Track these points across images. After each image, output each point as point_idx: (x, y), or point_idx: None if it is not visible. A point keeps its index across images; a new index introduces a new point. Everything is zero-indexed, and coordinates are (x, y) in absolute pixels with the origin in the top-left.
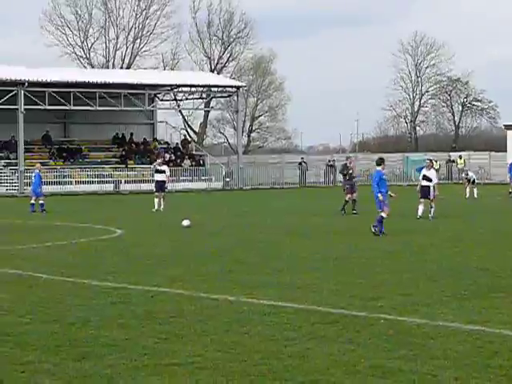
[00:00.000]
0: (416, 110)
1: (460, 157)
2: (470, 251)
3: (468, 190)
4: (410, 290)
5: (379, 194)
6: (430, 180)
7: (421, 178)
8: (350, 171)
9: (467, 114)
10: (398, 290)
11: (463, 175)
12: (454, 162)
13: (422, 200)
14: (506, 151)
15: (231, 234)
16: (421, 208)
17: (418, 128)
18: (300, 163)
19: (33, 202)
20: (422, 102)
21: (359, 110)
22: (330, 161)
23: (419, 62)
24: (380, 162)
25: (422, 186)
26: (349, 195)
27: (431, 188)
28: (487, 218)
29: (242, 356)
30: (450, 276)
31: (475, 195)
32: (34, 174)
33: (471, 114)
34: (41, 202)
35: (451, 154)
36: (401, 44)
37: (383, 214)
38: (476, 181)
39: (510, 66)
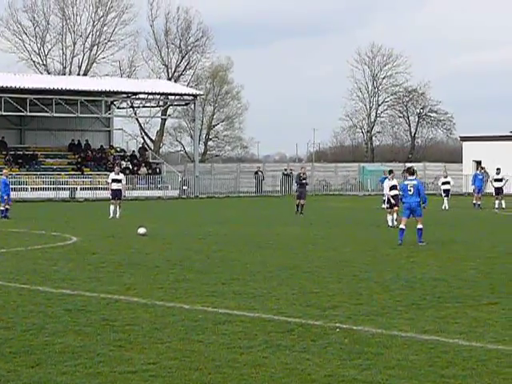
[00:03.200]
0: (372, 120)
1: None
2: (425, 261)
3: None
4: (365, 299)
5: (424, 205)
6: (396, 188)
7: (387, 188)
8: (303, 180)
9: (423, 124)
10: (353, 300)
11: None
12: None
13: (389, 210)
14: (461, 162)
15: (187, 243)
16: (389, 218)
17: (374, 138)
18: (256, 172)
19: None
20: (379, 112)
21: (316, 119)
22: (286, 170)
23: (376, 72)
24: (414, 171)
25: (392, 196)
26: (297, 200)
27: (399, 197)
28: (444, 229)
29: (197, 364)
30: (405, 286)
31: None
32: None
33: (427, 125)
34: (6, 207)
35: (407, 164)
36: (358, 54)
37: (420, 226)
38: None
39: (466, 78)
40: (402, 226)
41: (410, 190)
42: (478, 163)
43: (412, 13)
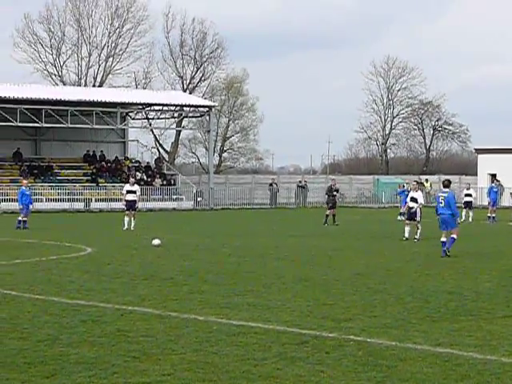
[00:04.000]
0: (387, 132)
1: (426, 180)
2: (440, 274)
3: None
4: (379, 311)
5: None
6: (416, 201)
7: (408, 199)
8: (334, 192)
9: (438, 137)
10: (367, 312)
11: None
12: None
13: (407, 222)
14: (476, 175)
15: (202, 254)
16: (407, 229)
17: (388, 150)
18: (271, 184)
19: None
20: (394, 124)
21: (331, 131)
22: (300, 182)
23: (391, 84)
24: (448, 183)
25: (410, 208)
26: (329, 211)
27: (417, 210)
28: (459, 242)
29: (212, 376)
30: (419, 298)
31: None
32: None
33: (442, 138)
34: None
35: (421, 176)
36: (373, 67)
37: (454, 236)
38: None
39: (481, 91)
40: (442, 238)
41: (442, 203)
42: (493, 176)
43: (427, 25)
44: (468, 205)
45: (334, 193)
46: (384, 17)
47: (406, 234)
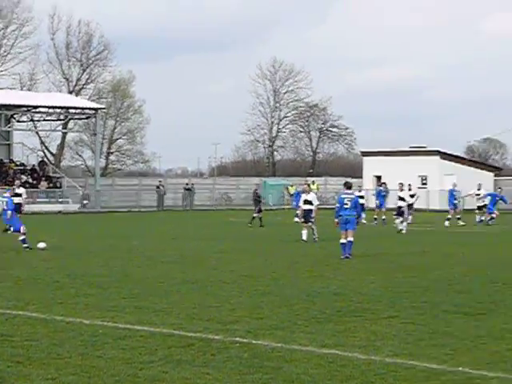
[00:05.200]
0: (274, 135)
1: (313, 182)
2: (326, 275)
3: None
4: (266, 313)
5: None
6: (311, 203)
7: (302, 202)
8: (257, 196)
9: (324, 139)
10: (254, 314)
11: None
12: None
13: (305, 224)
14: (361, 177)
15: (88, 258)
16: (305, 232)
17: (275, 153)
18: (158, 186)
19: None
20: (281, 127)
21: (218, 134)
22: (187, 184)
23: (277, 87)
24: (351, 185)
25: (305, 210)
26: (256, 214)
27: (313, 211)
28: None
29: (97, 380)
30: (305, 300)
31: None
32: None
33: (328, 140)
34: None
35: (308, 179)
36: (260, 69)
37: (351, 238)
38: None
39: (367, 94)
40: (342, 240)
41: (347, 204)
42: (379, 178)
43: (313, 29)
44: (361, 207)
45: (259, 198)
46: (270, 19)
47: (304, 237)
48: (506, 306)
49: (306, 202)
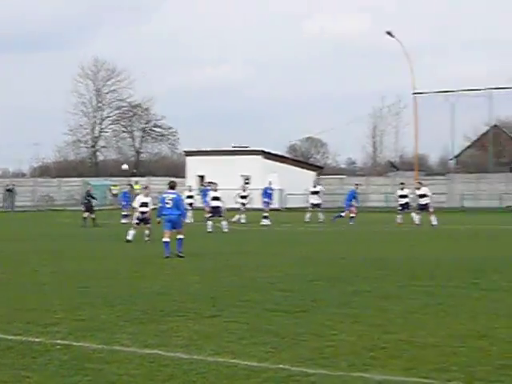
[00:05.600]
0: (97, 135)
1: (136, 182)
2: (150, 275)
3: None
4: (87, 314)
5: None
6: (147, 205)
7: (138, 204)
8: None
9: (148, 139)
10: (75, 315)
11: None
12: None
13: (136, 226)
14: (184, 177)
15: None
16: (132, 233)
17: (98, 153)
18: None
19: None
20: (103, 127)
21: (39, 134)
22: (8, 185)
23: (100, 87)
24: (174, 185)
25: (142, 212)
26: (86, 213)
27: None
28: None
29: None
30: (127, 300)
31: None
32: None
33: (152, 140)
34: None
35: (131, 179)
36: (81, 69)
37: (181, 236)
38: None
39: (189, 94)
40: (165, 239)
41: (169, 203)
42: (202, 177)
43: (135, 28)
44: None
45: (88, 197)
46: (92, 18)
47: (129, 237)
48: (326, 303)
49: (143, 204)
